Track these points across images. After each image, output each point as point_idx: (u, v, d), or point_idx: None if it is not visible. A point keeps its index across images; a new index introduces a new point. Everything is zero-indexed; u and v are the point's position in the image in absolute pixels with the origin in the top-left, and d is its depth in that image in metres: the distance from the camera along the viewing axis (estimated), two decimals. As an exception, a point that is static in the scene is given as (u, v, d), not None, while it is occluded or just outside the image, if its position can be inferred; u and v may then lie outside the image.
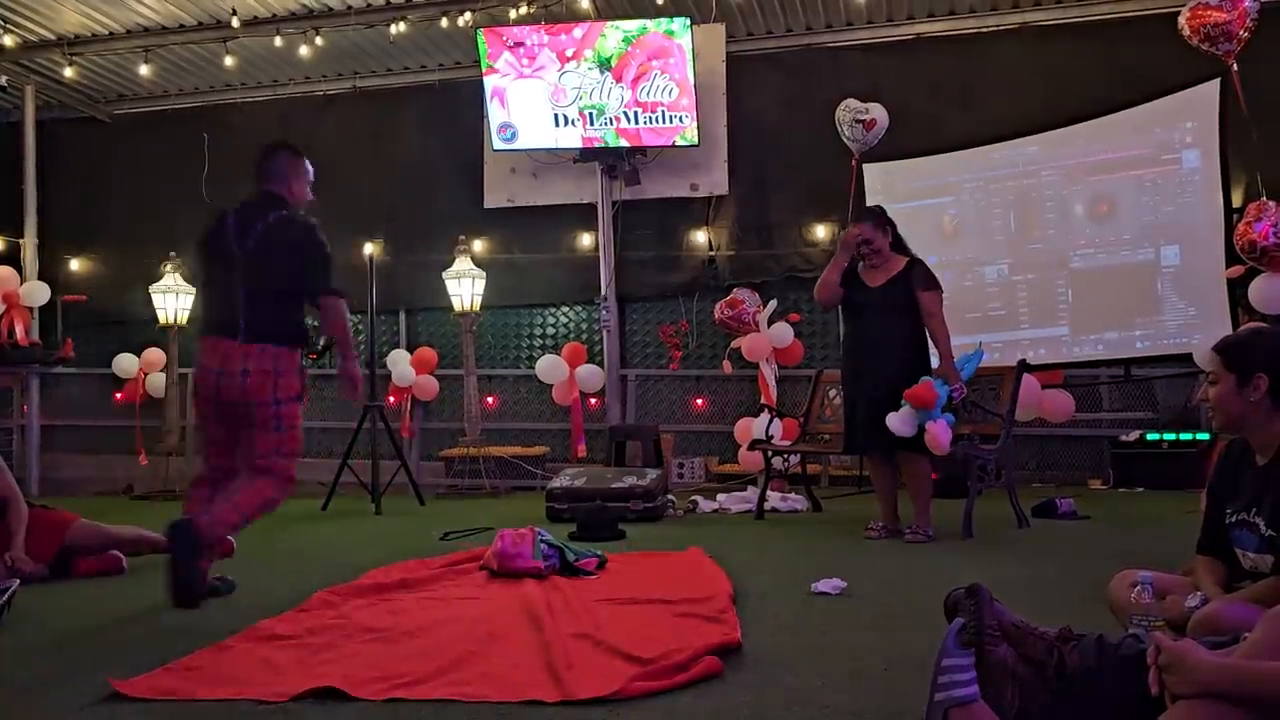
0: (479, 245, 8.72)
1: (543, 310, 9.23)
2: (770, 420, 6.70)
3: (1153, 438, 7.20)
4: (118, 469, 9.21)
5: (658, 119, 7.97)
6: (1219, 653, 1.69)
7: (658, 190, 8.40)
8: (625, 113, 7.99)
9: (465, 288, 8.10)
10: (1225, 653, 1.71)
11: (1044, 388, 7.06)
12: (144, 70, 8.71)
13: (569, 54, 7.96)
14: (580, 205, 8.62)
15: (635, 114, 7.98)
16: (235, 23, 8.06)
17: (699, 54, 7.86)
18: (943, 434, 4.69)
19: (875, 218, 5.14)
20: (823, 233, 8.31)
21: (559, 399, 8.49)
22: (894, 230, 5.14)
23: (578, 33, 7.93)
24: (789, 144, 8.36)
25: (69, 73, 8.73)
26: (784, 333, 7.70)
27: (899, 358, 4.90)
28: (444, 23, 8.06)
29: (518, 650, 2.76)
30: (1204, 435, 6.95)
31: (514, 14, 7.96)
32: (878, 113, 7.63)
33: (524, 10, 7.92)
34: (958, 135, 7.73)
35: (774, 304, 7.79)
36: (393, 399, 8.82)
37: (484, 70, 8.12)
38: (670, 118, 7.93)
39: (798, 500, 6.50)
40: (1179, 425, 7.32)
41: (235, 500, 3.65)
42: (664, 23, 7.77)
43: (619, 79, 7.93)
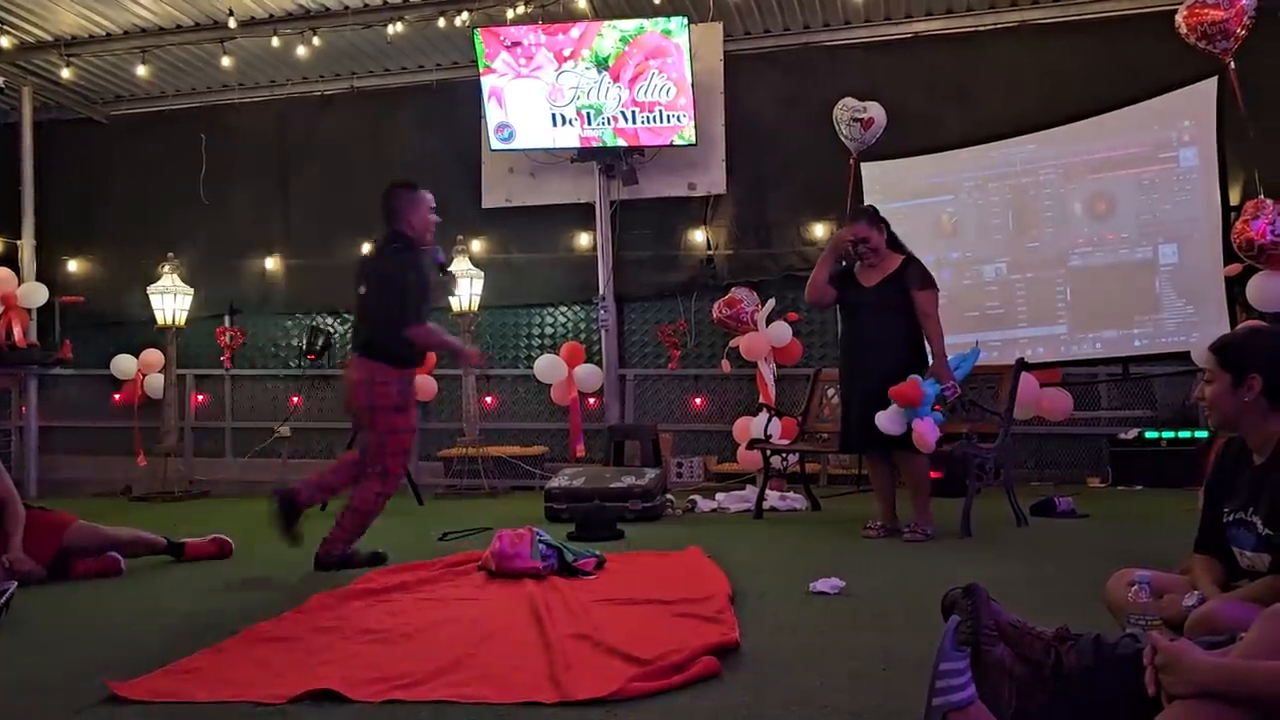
0: (477, 245, 8.72)
1: (541, 310, 9.22)
2: (769, 419, 6.69)
3: (1151, 436, 7.20)
4: (116, 470, 9.21)
5: (655, 118, 7.96)
6: (1216, 652, 1.69)
7: (655, 190, 8.40)
8: (623, 112, 7.99)
9: (463, 287, 8.10)
10: (1222, 652, 1.70)
11: (1042, 386, 7.06)
12: (141, 71, 8.70)
13: (566, 54, 7.96)
14: (578, 205, 8.63)
15: (633, 113, 7.98)
16: (232, 23, 8.06)
17: (696, 53, 7.86)
18: (929, 432, 4.66)
19: (869, 216, 5.14)
20: (821, 232, 8.31)
21: (557, 399, 8.48)
22: (889, 228, 5.14)
23: (575, 32, 7.92)
24: (787, 143, 8.36)
25: (66, 74, 8.72)
26: (782, 332, 7.70)
27: (894, 357, 4.88)
28: (441, 23, 8.06)
29: (516, 651, 2.76)
30: (1202, 433, 6.95)
31: (511, 14, 7.96)
32: (875, 111, 7.63)
33: (521, 10, 7.91)
34: (956, 134, 7.73)
35: (772, 303, 7.79)
36: (391, 399, 8.80)
37: (481, 70, 8.12)
38: (668, 117, 7.93)
39: (796, 499, 6.50)
40: (1177, 423, 7.32)
41: (344, 519, 4.42)
42: (661, 22, 7.77)
43: (616, 79, 7.92)
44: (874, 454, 5.16)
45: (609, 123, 8.03)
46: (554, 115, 8.11)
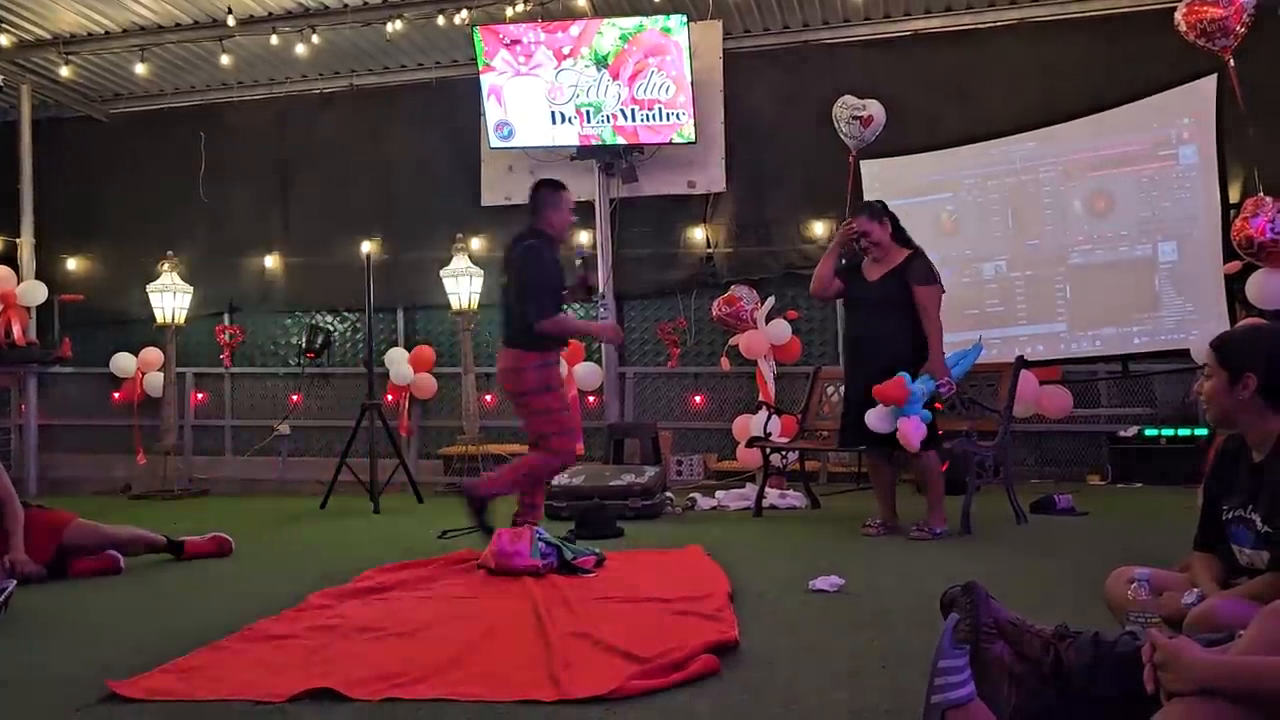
0: (476, 243, 8.70)
1: (541, 308, 9.20)
2: (768, 417, 6.70)
3: (1151, 434, 7.20)
4: (116, 468, 9.21)
5: (655, 116, 7.96)
6: (1215, 650, 1.69)
7: (655, 188, 8.39)
8: (622, 110, 7.99)
9: (463, 286, 8.09)
10: (1221, 649, 1.70)
11: (1042, 384, 7.06)
12: (140, 69, 8.69)
13: (566, 51, 7.95)
14: (577, 203, 8.58)
15: (632, 111, 7.97)
16: (231, 21, 8.05)
17: (696, 51, 7.85)
18: (913, 431, 4.61)
19: (871, 210, 5.11)
20: (820, 229, 8.30)
21: (557, 397, 8.47)
22: (895, 223, 5.09)
23: (574, 30, 7.92)
24: (786, 141, 8.35)
25: (65, 72, 8.71)
26: (782, 330, 7.70)
27: (893, 353, 4.82)
28: (440, 21, 8.05)
29: (515, 649, 2.76)
30: (1202, 431, 6.95)
31: (510, 11, 7.95)
32: (875, 109, 7.62)
33: (520, 8, 7.90)
34: (955, 131, 7.72)
35: (772, 301, 7.79)
36: (391, 397, 8.81)
37: (481, 68, 8.11)
38: (667, 115, 7.93)
39: (796, 497, 6.50)
40: (1177, 421, 7.32)
41: (503, 470, 4.84)
42: (661, 20, 7.76)
43: (616, 76, 7.92)
44: (874, 451, 5.13)
45: (608, 120, 8.03)
46: (553, 113, 8.11)
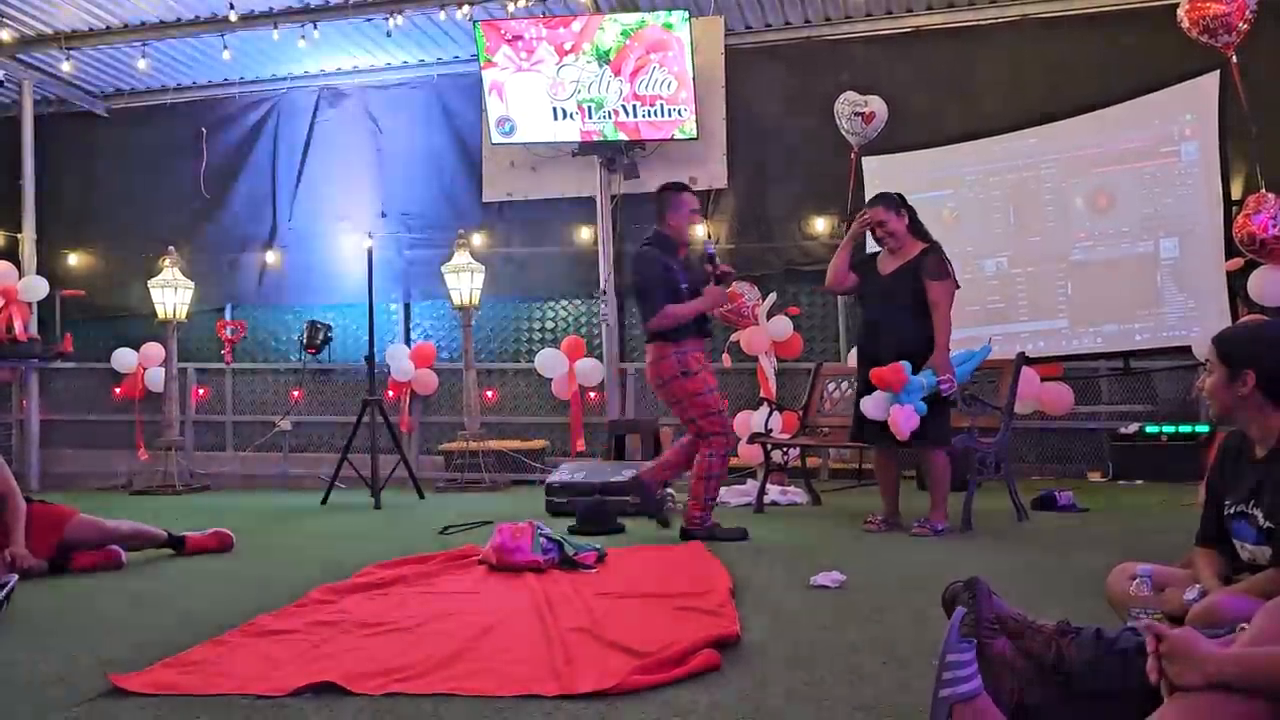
0: (478, 239, 8.71)
1: (542, 304, 9.22)
2: (770, 413, 6.70)
3: (1152, 430, 7.20)
4: (117, 464, 9.21)
5: (656, 112, 7.96)
6: (1218, 642, 1.68)
7: (656, 183, 8.26)
8: (624, 106, 7.98)
9: (464, 281, 8.09)
10: (1222, 643, 1.70)
11: (1043, 380, 7.06)
12: (141, 64, 8.69)
13: (567, 47, 7.95)
14: (579, 199, 8.63)
15: (634, 107, 7.97)
16: (233, 16, 8.05)
17: (697, 47, 7.85)
18: (904, 420, 4.56)
19: (888, 200, 5.02)
20: (822, 226, 8.30)
21: (558, 393, 8.49)
22: (913, 216, 5.01)
23: (576, 26, 7.92)
24: (788, 137, 8.35)
25: (66, 67, 8.71)
26: (783, 326, 7.70)
27: (905, 348, 4.75)
28: (442, 16, 8.05)
29: (517, 644, 2.76)
30: (1203, 428, 6.95)
31: (511, 7, 7.94)
32: (877, 105, 7.62)
33: (522, 3, 7.90)
34: (957, 128, 7.73)
35: (773, 297, 7.79)
36: (392, 393, 8.82)
37: (482, 64, 8.11)
38: (669, 111, 7.92)
39: (797, 493, 6.50)
40: (1178, 418, 7.32)
41: (665, 456, 5.20)
42: (662, 16, 7.76)
43: (617, 72, 7.91)
44: (881, 447, 5.06)
45: (610, 116, 8.03)
46: (555, 109, 8.11)
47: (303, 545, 5.05)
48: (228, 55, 8.52)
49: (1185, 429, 7.08)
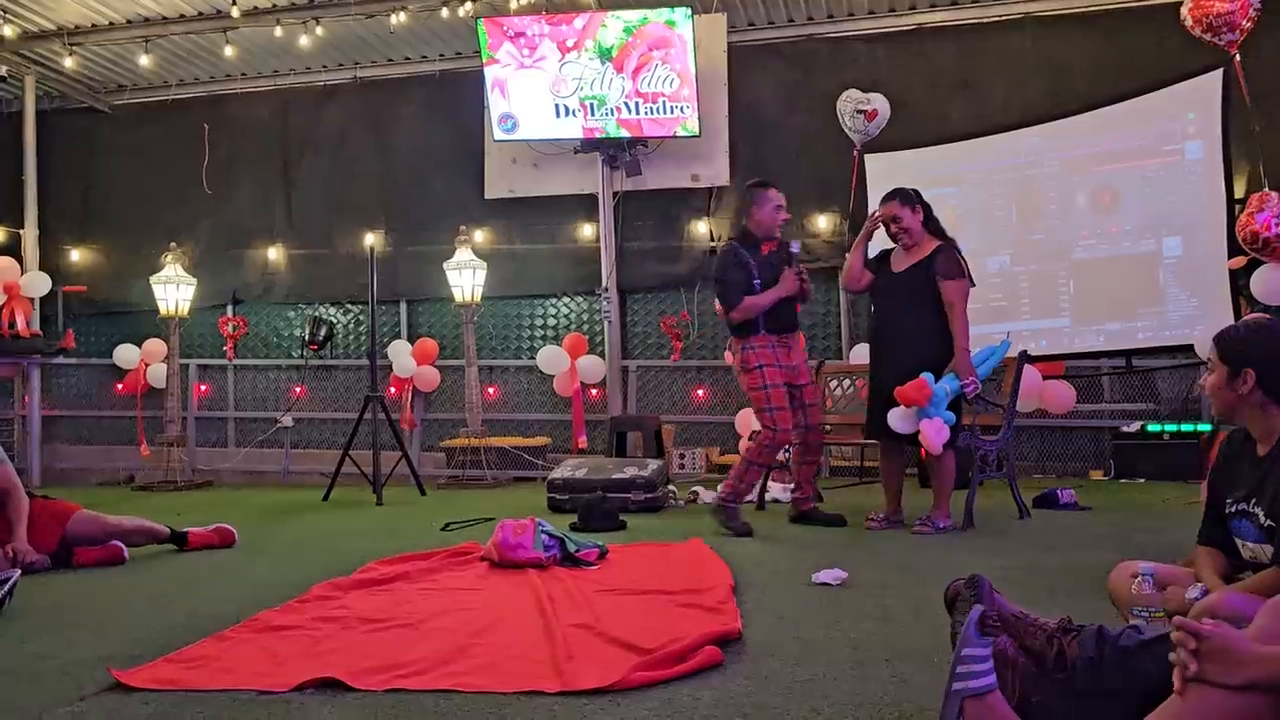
0: (480, 236, 8.71)
1: (544, 301, 9.23)
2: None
3: (1154, 429, 7.19)
4: (119, 459, 9.23)
5: (659, 109, 7.95)
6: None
7: (659, 181, 8.39)
8: (626, 103, 7.98)
9: (466, 278, 8.10)
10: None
11: (1045, 379, 7.05)
12: (144, 60, 8.69)
13: (570, 44, 7.94)
14: (581, 196, 8.62)
15: (636, 104, 7.97)
16: (235, 12, 8.05)
17: (700, 44, 7.85)
18: (934, 434, 4.53)
19: (904, 195, 4.93)
20: (824, 223, 8.29)
21: (560, 390, 8.49)
22: (929, 212, 4.93)
23: (578, 23, 7.91)
24: (790, 135, 8.35)
25: (69, 63, 8.72)
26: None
27: (918, 349, 4.71)
28: (444, 13, 8.05)
29: (518, 641, 2.76)
30: (1205, 426, 6.95)
31: (514, 4, 7.94)
32: (879, 103, 7.61)
33: (524, 0, 7.89)
34: (959, 126, 7.72)
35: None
36: (394, 390, 8.82)
37: (485, 61, 8.11)
38: (671, 108, 7.92)
39: (799, 491, 6.48)
40: (1180, 417, 7.32)
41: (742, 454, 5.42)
42: (665, 13, 7.75)
43: (620, 69, 7.91)
44: (890, 445, 5.01)
45: (612, 114, 8.02)
46: (557, 106, 8.10)
47: (304, 541, 5.05)
48: (230, 51, 8.52)
49: (1187, 427, 7.08)
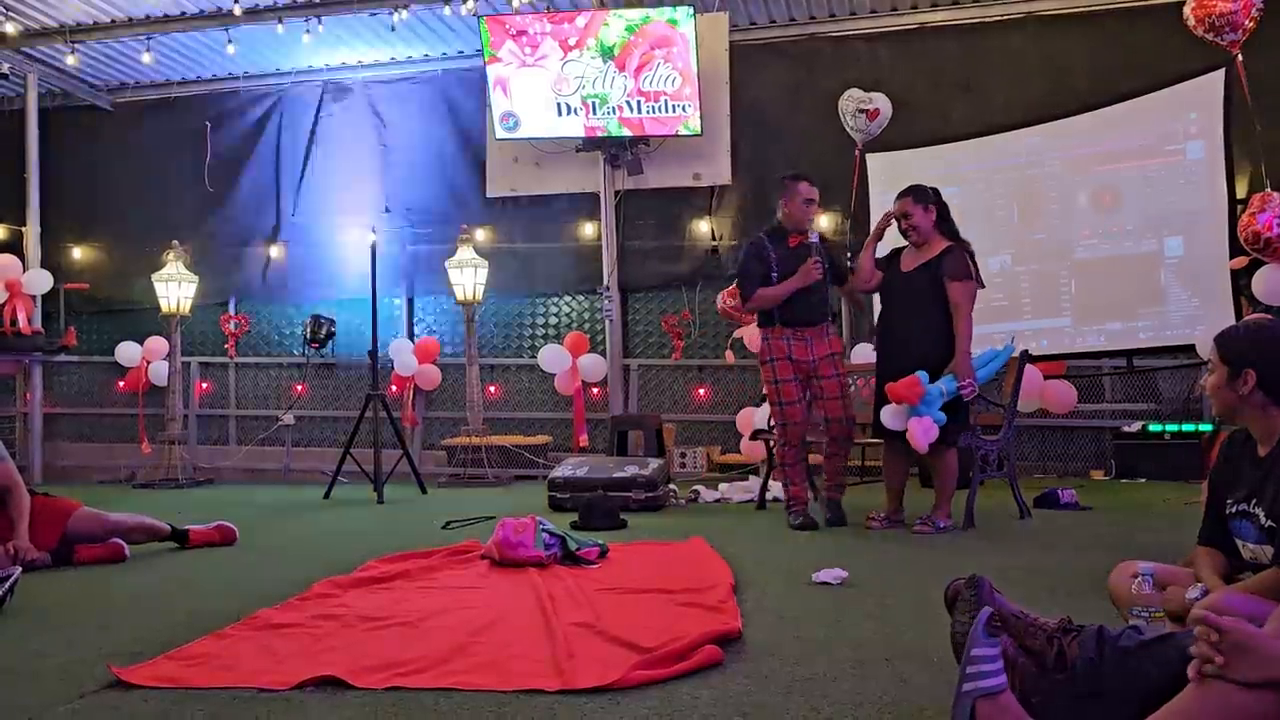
0: (481, 234, 8.71)
1: (545, 300, 9.23)
2: (772, 410, 6.68)
3: (1155, 429, 7.19)
4: (120, 457, 9.24)
5: (661, 108, 7.95)
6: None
7: (660, 180, 8.39)
8: (628, 102, 7.98)
9: (467, 277, 8.10)
10: None
11: (1046, 379, 7.05)
12: (146, 58, 8.70)
13: (571, 43, 7.94)
14: (583, 195, 8.63)
15: (638, 103, 7.96)
16: (238, 10, 8.06)
17: (702, 43, 7.84)
18: (921, 433, 4.51)
19: (917, 193, 4.89)
20: (825, 222, 8.27)
21: (561, 388, 8.49)
22: (941, 213, 4.90)
23: (580, 21, 7.91)
24: (792, 134, 8.34)
25: (71, 60, 8.72)
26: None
27: (923, 350, 4.70)
28: (446, 11, 8.05)
29: (519, 639, 2.76)
30: (1206, 427, 6.94)
31: (516, 2, 7.94)
32: (881, 102, 7.61)
33: (526, -2, 7.90)
34: (961, 125, 7.72)
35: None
36: (395, 388, 8.83)
37: (487, 59, 8.11)
38: (673, 107, 7.92)
39: (799, 490, 6.48)
40: (1181, 417, 7.31)
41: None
42: (667, 11, 7.75)
43: (622, 68, 7.91)
44: (894, 443, 4.96)
45: (614, 112, 8.02)
46: (559, 104, 8.10)
47: (305, 539, 5.06)
48: (232, 49, 8.52)
49: (1188, 428, 7.08)
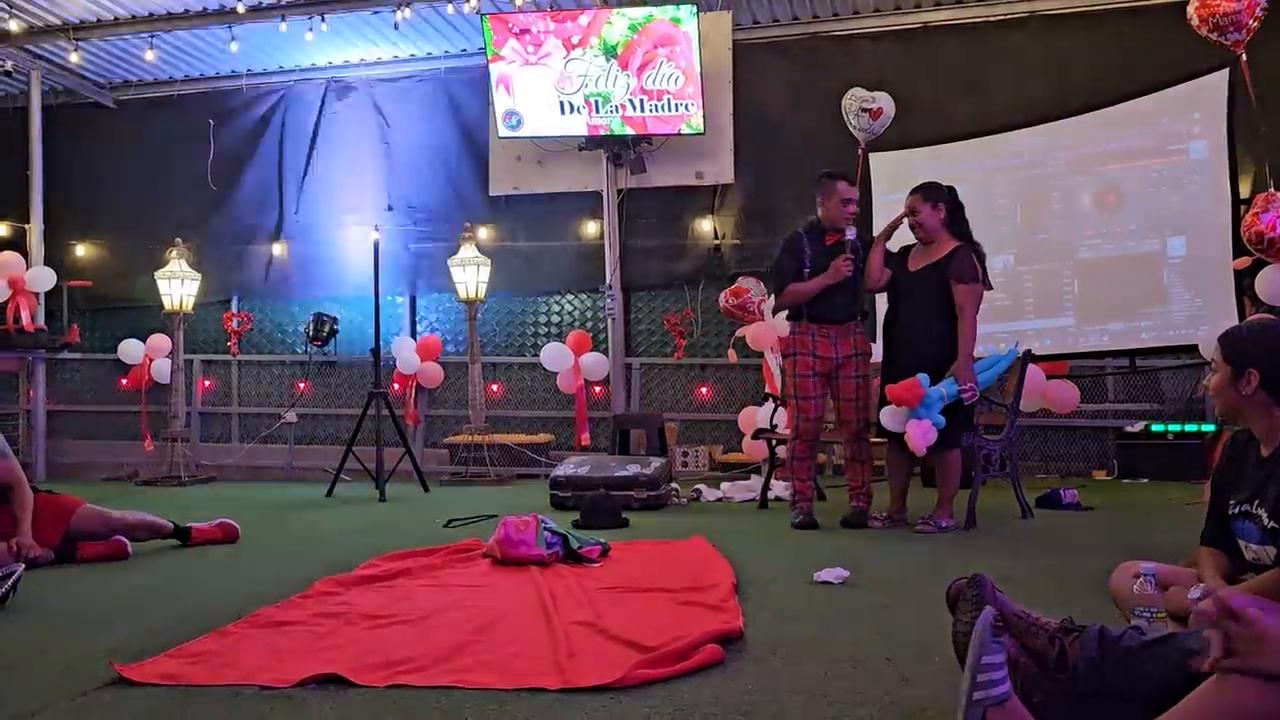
0: (484, 233, 8.71)
1: (548, 298, 9.23)
2: (774, 409, 6.69)
3: (1158, 429, 7.19)
4: (123, 455, 9.24)
5: (663, 107, 7.95)
6: None
7: (663, 178, 8.39)
8: (631, 100, 7.98)
9: (470, 275, 8.10)
10: None
11: (1049, 379, 7.04)
12: (149, 56, 8.70)
13: (575, 41, 7.94)
14: (586, 193, 8.62)
15: (641, 102, 7.96)
16: (240, 8, 8.06)
17: (705, 42, 7.84)
18: (919, 436, 4.51)
19: (927, 190, 4.84)
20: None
21: (564, 387, 8.49)
22: (953, 212, 4.84)
23: (584, 20, 7.91)
24: (795, 133, 8.34)
25: (74, 58, 8.72)
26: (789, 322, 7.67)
27: (926, 352, 4.68)
28: (449, 9, 8.04)
29: (520, 638, 2.76)
30: (1209, 427, 6.94)
31: (519, 1, 7.94)
32: (884, 101, 7.60)
33: (528, -4, 7.90)
34: (964, 125, 7.70)
35: (779, 293, 7.77)
36: (397, 386, 8.83)
37: (490, 57, 8.11)
38: (676, 105, 7.92)
39: (801, 489, 6.48)
40: (1184, 416, 7.31)
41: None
42: (670, 10, 7.74)
43: (625, 67, 7.90)
44: (897, 443, 4.94)
45: (617, 111, 8.02)
46: (562, 103, 8.10)
47: (307, 537, 5.06)
48: (235, 47, 8.53)
49: (1191, 428, 7.07)
